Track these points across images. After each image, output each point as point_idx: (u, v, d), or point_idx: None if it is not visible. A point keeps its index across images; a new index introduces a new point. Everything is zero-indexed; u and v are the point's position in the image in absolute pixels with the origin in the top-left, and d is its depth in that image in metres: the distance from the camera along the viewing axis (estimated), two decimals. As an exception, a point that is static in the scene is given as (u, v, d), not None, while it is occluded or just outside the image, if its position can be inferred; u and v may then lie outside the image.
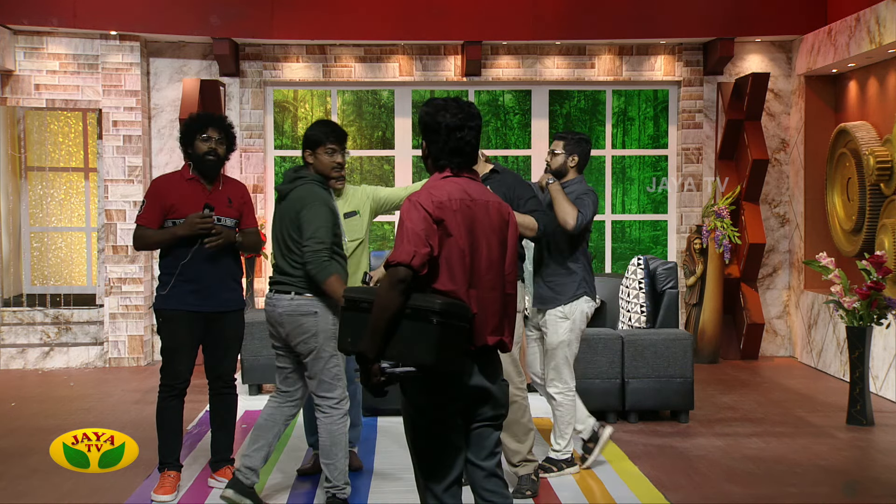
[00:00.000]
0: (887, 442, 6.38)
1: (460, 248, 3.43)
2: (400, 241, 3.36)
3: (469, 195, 3.50)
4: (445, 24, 9.24)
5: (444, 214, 3.41)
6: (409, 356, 3.32)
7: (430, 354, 3.29)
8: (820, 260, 7.00)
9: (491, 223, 3.52)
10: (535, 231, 5.06)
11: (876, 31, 7.74)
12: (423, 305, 3.30)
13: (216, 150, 5.11)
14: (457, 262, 3.42)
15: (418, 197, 3.43)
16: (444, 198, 3.43)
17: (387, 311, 3.31)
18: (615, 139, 11.64)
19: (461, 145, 3.52)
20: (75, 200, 10.60)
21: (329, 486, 4.87)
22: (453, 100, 3.57)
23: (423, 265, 3.35)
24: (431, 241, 3.37)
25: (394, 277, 3.31)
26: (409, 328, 3.31)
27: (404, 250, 3.33)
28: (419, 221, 3.37)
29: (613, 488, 5.32)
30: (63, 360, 9.12)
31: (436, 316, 3.27)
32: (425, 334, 3.28)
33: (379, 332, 3.32)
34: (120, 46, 9.16)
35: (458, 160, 3.54)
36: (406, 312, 3.32)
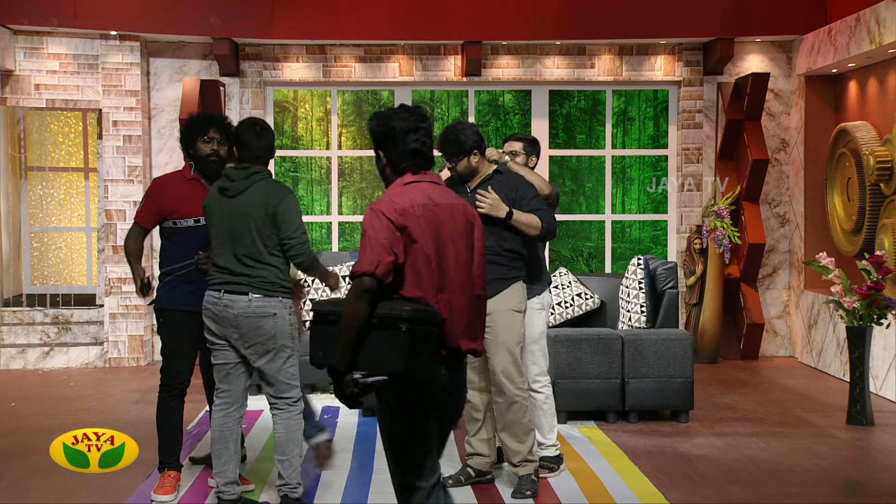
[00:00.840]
0: (887, 442, 6.38)
1: (426, 254, 3.45)
2: (363, 250, 3.38)
3: (433, 200, 3.52)
4: (445, 24, 9.24)
5: (407, 221, 3.43)
6: (380, 365, 3.34)
7: (401, 362, 3.32)
8: (820, 260, 7.00)
9: (457, 226, 3.55)
10: (538, 229, 5.07)
11: (876, 31, 7.74)
12: (391, 313, 3.32)
13: (218, 151, 5.09)
14: (423, 268, 3.44)
15: (379, 205, 3.45)
16: (406, 204, 3.45)
17: (355, 321, 3.33)
18: (615, 139, 11.64)
19: (418, 147, 3.56)
20: (75, 200, 10.60)
21: (282, 483, 4.82)
22: (400, 106, 3.62)
23: (388, 273, 3.38)
24: (395, 249, 3.40)
25: (359, 288, 3.33)
26: (378, 337, 3.33)
27: (368, 260, 3.35)
28: (381, 230, 3.39)
29: (613, 488, 5.32)
30: (63, 360, 9.12)
31: (404, 323, 3.30)
32: (395, 342, 3.31)
33: (349, 343, 3.33)
34: (120, 46, 9.16)
35: (418, 161, 3.57)
36: (373, 322, 3.34)
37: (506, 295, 5.09)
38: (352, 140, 11.85)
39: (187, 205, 5.06)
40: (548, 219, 5.11)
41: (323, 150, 11.27)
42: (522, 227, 5.05)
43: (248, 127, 4.76)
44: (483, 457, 5.37)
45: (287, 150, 10.65)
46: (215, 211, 4.72)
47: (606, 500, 5.15)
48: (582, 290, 7.61)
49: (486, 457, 5.38)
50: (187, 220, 5.06)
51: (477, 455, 5.38)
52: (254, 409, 7.26)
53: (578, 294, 7.58)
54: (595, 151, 11.20)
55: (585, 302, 7.58)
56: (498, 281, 5.08)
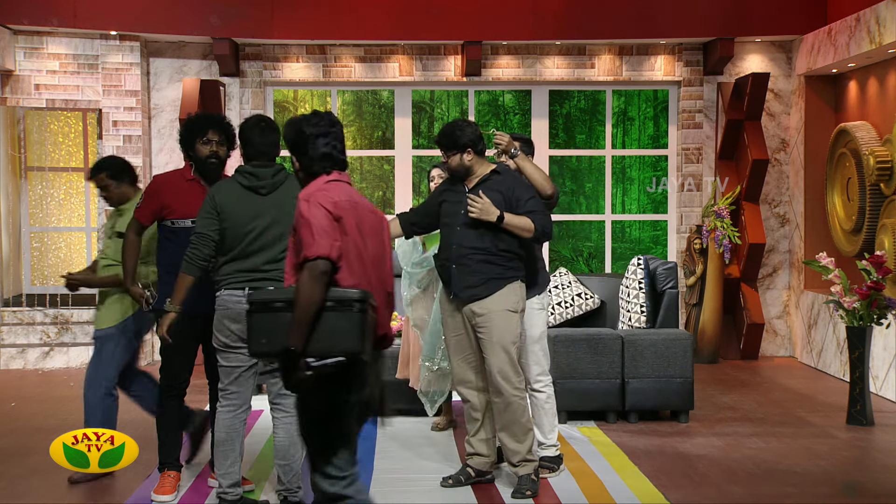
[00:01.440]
0: (887, 442, 6.38)
1: (356, 246, 3.59)
2: (311, 236, 3.47)
3: (352, 198, 3.67)
4: (445, 24, 9.24)
5: (341, 212, 3.57)
6: (336, 346, 3.42)
7: (357, 342, 3.43)
8: (820, 260, 7.00)
9: (373, 224, 3.71)
10: (531, 232, 5.05)
11: (876, 31, 7.74)
12: (343, 296, 3.44)
13: (217, 152, 5.08)
14: (354, 259, 3.58)
15: (315, 197, 3.57)
16: (336, 198, 3.60)
17: (312, 305, 3.41)
18: (615, 139, 11.65)
19: (328, 150, 3.71)
20: (75, 200, 10.60)
21: (282, 488, 4.81)
22: (312, 112, 3.78)
23: (340, 257, 3.50)
24: (337, 237, 3.53)
25: (315, 270, 3.42)
26: (332, 319, 3.41)
27: (322, 244, 3.45)
28: (323, 218, 3.51)
29: (613, 488, 5.32)
30: (63, 360, 9.12)
31: (357, 304, 3.42)
32: (349, 322, 3.41)
33: (305, 325, 3.41)
34: (120, 46, 9.16)
35: (328, 164, 3.71)
36: (327, 304, 3.43)
37: (502, 295, 5.09)
38: (352, 140, 11.85)
39: (186, 205, 5.06)
40: (542, 221, 5.09)
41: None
42: (515, 230, 5.04)
43: (254, 124, 4.77)
44: (483, 457, 5.37)
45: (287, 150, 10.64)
46: (239, 209, 4.64)
47: (606, 500, 5.14)
48: (582, 290, 7.61)
49: (486, 457, 5.38)
50: (185, 221, 5.05)
51: (477, 455, 5.38)
52: (254, 408, 7.26)
53: (578, 294, 7.58)
54: (595, 151, 11.21)
55: (585, 302, 7.58)
56: (494, 280, 5.08)
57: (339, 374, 3.50)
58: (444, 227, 5.23)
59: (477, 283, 5.08)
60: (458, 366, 5.30)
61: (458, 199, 5.18)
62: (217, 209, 4.64)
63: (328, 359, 3.43)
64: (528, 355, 5.47)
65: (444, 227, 5.24)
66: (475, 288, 5.08)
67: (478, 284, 5.08)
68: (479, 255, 5.08)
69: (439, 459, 5.87)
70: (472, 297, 5.09)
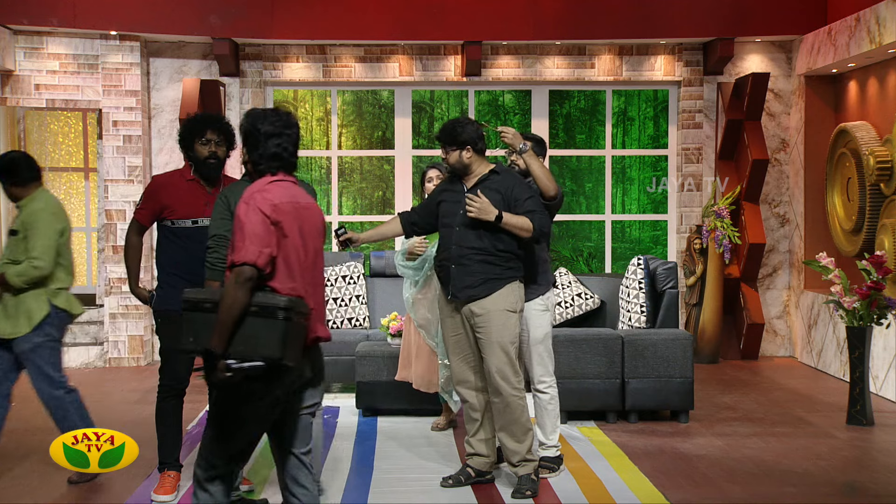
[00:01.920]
0: (887, 442, 6.38)
1: (296, 248, 3.63)
2: (242, 241, 3.51)
3: (296, 198, 3.70)
4: (445, 24, 9.24)
5: (280, 216, 3.60)
6: (256, 351, 3.47)
7: (277, 348, 3.47)
8: (820, 260, 7.00)
9: (314, 225, 3.75)
10: (530, 232, 5.05)
11: (876, 31, 7.74)
12: (269, 302, 3.48)
13: (216, 152, 5.08)
14: (294, 262, 3.62)
15: (253, 200, 3.59)
16: (277, 200, 3.62)
17: (234, 308, 3.46)
18: (615, 139, 11.65)
19: (279, 151, 3.73)
20: (75, 200, 10.60)
21: None
22: (272, 109, 3.80)
23: (268, 264, 3.53)
24: (271, 242, 3.56)
25: (241, 276, 3.47)
26: (255, 324, 3.47)
27: (250, 250, 3.49)
28: (259, 223, 3.54)
29: (613, 488, 5.32)
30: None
31: (282, 311, 3.46)
32: (272, 329, 3.46)
33: (227, 329, 3.46)
34: (120, 46, 9.16)
35: (276, 164, 3.73)
36: (252, 310, 3.48)
37: (500, 295, 5.09)
38: (352, 140, 11.86)
39: (185, 205, 5.06)
40: (541, 221, 5.08)
41: (323, 150, 11.26)
42: (513, 229, 5.04)
43: None
44: (482, 457, 5.37)
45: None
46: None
47: (606, 500, 5.14)
48: (582, 290, 7.61)
49: (486, 457, 5.38)
50: (185, 221, 5.05)
51: (476, 455, 5.38)
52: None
53: (578, 294, 7.58)
54: (595, 151, 11.21)
55: (585, 302, 7.58)
56: (492, 281, 5.08)
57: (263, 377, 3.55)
58: (443, 227, 5.23)
59: (475, 284, 5.08)
60: (457, 366, 5.30)
61: (456, 199, 5.18)
62: (232, 210, 4.59)
63: (248, 362, 3.49)
64: (532, 356, 5.47)
65: (442, 228, 5.24)
66: (474, 288, 5.08)
67: (476, 284, 5.08)
68: (478, 255, 5.08)
69: (439, 459, 5.87)
70: (471, 297, 5.09)
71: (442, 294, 5.28)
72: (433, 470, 5.62)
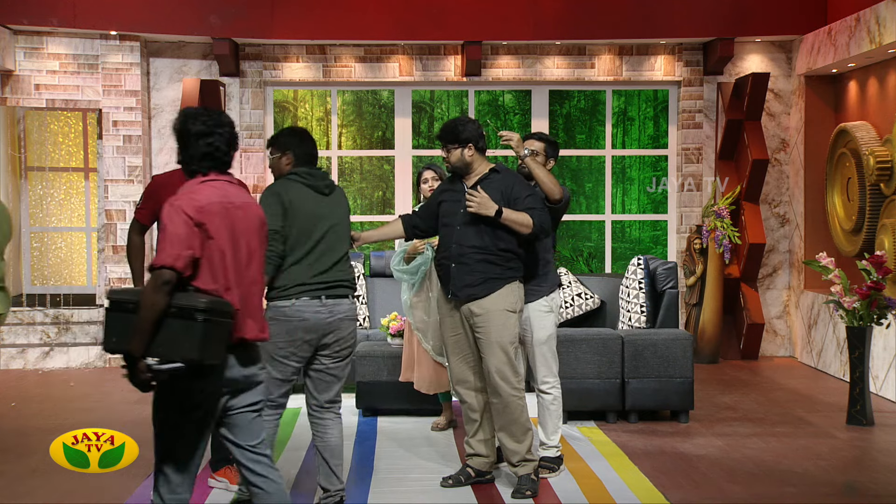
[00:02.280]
0: (887, 442, 6.38)
1: (221, 249, 3.64)
2: (163, 244, 3.54)
3: (228, 198, 3.72)
4: (445, 24, 9.24)
5: (205, 218, 3.61)
6: (175, 353, 3.50)
7: (195, 350, 3.49)
8: (820, 260, 7.00)
9: (250, 224, 3.77)
10: (530, 228, 5.05)
11: (876, 31, 7.74)
12: (188, 304, 3.50)
13: (215, 152, 5.09)
14: (218, 263, 3.63)
15: (179, 202, 3.61)
16: (204, 202, 3.64)
17: (153, 310, 3.48)
18: (615, 139, 11.65)
19: (210, 150, 3.75)
20: (75, 200, 10.60)
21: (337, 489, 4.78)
22: (204, 109, 3.81)
23: (187, 267, 3.55)
24: (193, 244, 3.57)
25: (159, 280, 3.50)
26: (174, 326, 3.50)
27: (168, 254, 3.52)
28: (181, 225, 3.56)
29: (613, 488, 5.32)
30: (63, 360, 9.12)
31: (200, 314, 3.48)
32: (190, 331, 3.48)
33: (146, 331, 3.49)
34: (120, 46, 9.16)
35: (207, 164, 3.75)
36: (171, 311, 3.50)
37: (500, 294, 5.08)
38: (352, 140, 11.86)
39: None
40: (541, 217, 5.08)
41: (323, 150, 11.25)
42: (514, 225, 5.04)
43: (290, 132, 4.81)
44: (482, 457, 5.37)
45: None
46: (308, 208, 4.60)
47: (606, 500, 5.14)
48: (582, 290, 7.61)
49: (486, 457, 5.38)
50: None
51: (476, 455, 5.38)
52: (254, 409, 7.27)
53: (578, 294, 7.58)
54: (595, 151, 11.21)
55: (585, 302, 7.58)
56: (492, 280, 5.08)
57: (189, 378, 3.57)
58: (443, 226, 5.22)
59: (475, 283, 5.08)
60: (457, 366, 5.30)
61: (456, 199, 5.18)
62: (285, 206, 4.55)
63: (167, 364, 3.52)
64: (536, 357, 5.48)
65: (442, 227, 5.23)
66: (474, 287, 5.08)
67: (476, 284, 5.08)
68: (479, 253, 5.08)
69: (439, 459, 5.87)
70: (470, 296, 5.09)
71: (442, 293, 5.28)
72: (433, 470, 5.63)
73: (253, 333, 3.76)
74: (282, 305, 4.55)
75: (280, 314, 4.55)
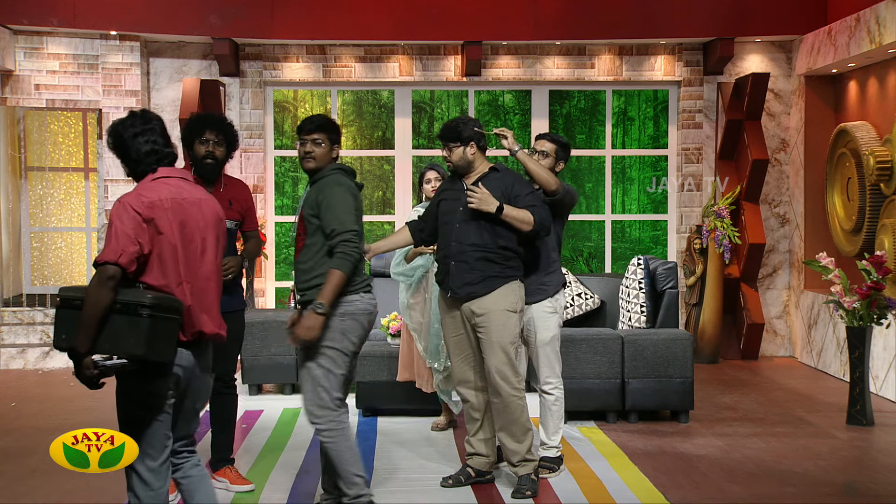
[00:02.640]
0: (887, 442, 6.38)
1: (172, 245, 3.67)
2: (109, 240, 3.58)
3: (181, 194, 3.76)
4: (445, 24, 9.24)
5: (155, 213, 3.64)
6: (121, 348, 3.54)
7: (140, 346, 3.52)
8: (820, 260, 7.00)
9: (205, 220, 3.80)
10: (531, 225, 5.04)
11: (876, 31, 7.74)
12: (133, 300, 3.52)
13: (213, 152, 5.08)
14: (168, 258, 3.66)
15: (128, 199, 3.66)
16: (154, 198, 3.67)
17: (97, 307, 3.51)
18: (615, 139, 11.65)
19: (151, 147, 3.78)
20: (75, 200, 10.60)
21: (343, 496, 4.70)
22: (130, 113, 3.87)
23: (131, 263, 3.57)
24: (141, 240, 3.60)
25: (103, 275, 3.52)
26: (120, 322, 3.53)
27: (112, 249, 3.55)
28: (128, 221, 3.59)
29: (613, 488, 5.32)
30: (63, 360, 9.12)
31: (146, 310, 3.51)
32: (136, 327, 3.52)
33: (90, 327, 3.51)
34: (120, 46, 9.16)
35: (153, 160, 3.79)
36: (116, 307, 3.53)
37: (500, 294, 5.08)
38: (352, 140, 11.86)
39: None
40: (541, 214, 5.08)
41: (323, 150, 11.24)
42: (514, 222, 5.04)
43: None
44: (483, 457, 5.37)
45: (287, 150, 10.65)
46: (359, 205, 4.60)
47: (606, 500, 5.14)
48: (582, 290, 7.61)
49: (486, 457, 5.38)
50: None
51: (476, 455, 5.38)
52: (253, 409, 7.27)
53: (578, 294, 7.58)
54: (595, 151, 11.21)
55: (585, 302, 7.58)
56: (492, 279, 5.08)
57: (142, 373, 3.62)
58: (443, 224, 5.22)
59: (475, 281, 5.08)
60: (458, 365, 5.30)
61: (456, 197, 5.18)
62: (358, 205, 4.56)
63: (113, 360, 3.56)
64: (539, 358, 5.49)
65: (442, 226, 5.23)
66: (473, 286, 5.08)
67: (476, 282, 5.08)
68: (478, 251, 5.08)
69: (439, 459, 5.87)
70: (470, 294, 5.09)
71: (442, 294, 5.28)
72: (433, 470, 5.63)
73: (210, 328, 3.80)
74: (353, 300, 4.51)
75: (354, 309, 4.50)
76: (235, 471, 5.31)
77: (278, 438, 6.42)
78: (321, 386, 4.50)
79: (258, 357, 7.61)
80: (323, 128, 4.60)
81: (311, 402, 4.55)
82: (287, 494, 5.24)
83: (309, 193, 4.61)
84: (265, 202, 9.60)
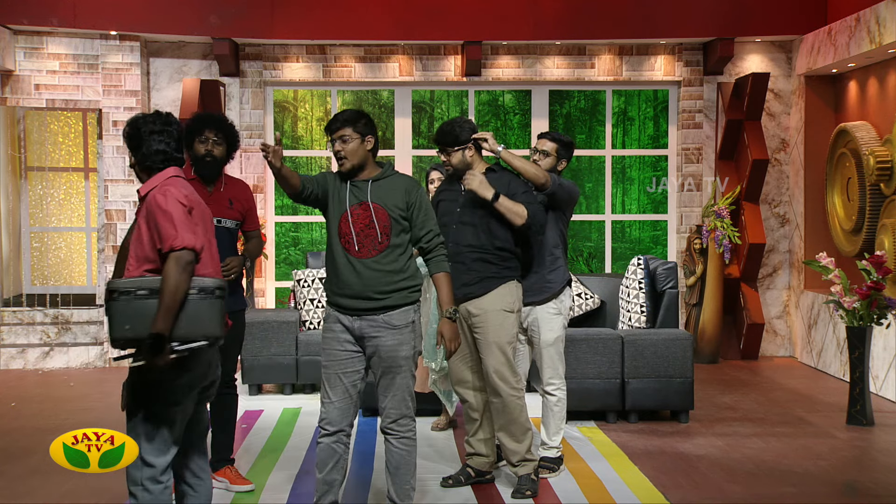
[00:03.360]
0: (887, 442, 6.38)
1: (207, 236, 3.78)
2: (172, 227, 3.61)
3: (194, 194, 3.85)
4: (445, 24, 9.24)
5: (192, 205, 3.74)
6: (198, 331, 3.61)
7: (218, 327, 3.66)
8: (820, 260, 7.00)
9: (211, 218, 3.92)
10: (523, 218, 5.04)
11: (876, 31, 7.74)
12: (203, 284, 3.63)
13: (212, 151, 5.09)
14: (208, 249, 3.77)
15: (169, 189, 3.70)
16: (188, 192, 3.77)
17: (179, 292, 3.57)
18: (615, 139, 11.64)
19: (163, 147, 3.82)
20: (75, 200, 10.60)
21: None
22: (155, 112, 3.91)
23: (203, 248, 3.68)
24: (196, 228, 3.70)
25: (182, 261, 3.59)
26: (196, 305, 3.60)
27: (186, 236, 3.61)
28: (182, 211, 3.66)
29: (613, 488, 5.32)
30: (63, 360, 9.12)
31: (218, 290, 3.65)
32: (212, 309, 3.63)
33: (172, 312, 3.57)
34: (120, 46, 9.16)
35: (160, 159, 3.83)
36: (191, 292, 3.61)
37: (497, 294, 5.09)
38: (352, 140, 11.82)
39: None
40: (535, 211, 5.10)
41: (323, 151, 11.25)
42: (508, 213, 5.05)
43: None
44: (482, 457, 5.37)
45: (287, 149, 10.65)
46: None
47: (606, 500, 5.14)
48: (582, 290, 7.61)
49: (486, 457, 5.38)
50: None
51: (476, 455, 5.38)
52: (254, 408, 7.27)
53: (578, 294, 7.58)
54: (595, 151, 11.20)
55: (585, 302, 7.58)
56: (489, 280, 5.08)
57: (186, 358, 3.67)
58: (441, 226, 5.22)
59: (472, 282, 5.08)
60: (456, 366, 5.30)
61: (453, 198, 5.19)
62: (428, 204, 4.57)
63: (190, 343, 3.61)
64: (543, 358, 5.49)
65: (440, 227, 5.23)
66: (470, 286, 5.08)
67: (473, 282, 5.08)
68: (475, 252, 5.08)
69: (439, 459, 5.87)
70: (467, 295, 5.09)
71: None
72: (433, 470, 5.63)
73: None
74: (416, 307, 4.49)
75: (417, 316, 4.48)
76: (235, 471, 5.31)
77: (278, 438, 6.42)
78: (410, 395, 4.45)
79: (258, 357, 7.61)
80: (347, 122, 4.43)
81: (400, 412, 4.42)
82: (287, 494, 5.25)
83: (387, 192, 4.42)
84: (265, 202, 9.60)
